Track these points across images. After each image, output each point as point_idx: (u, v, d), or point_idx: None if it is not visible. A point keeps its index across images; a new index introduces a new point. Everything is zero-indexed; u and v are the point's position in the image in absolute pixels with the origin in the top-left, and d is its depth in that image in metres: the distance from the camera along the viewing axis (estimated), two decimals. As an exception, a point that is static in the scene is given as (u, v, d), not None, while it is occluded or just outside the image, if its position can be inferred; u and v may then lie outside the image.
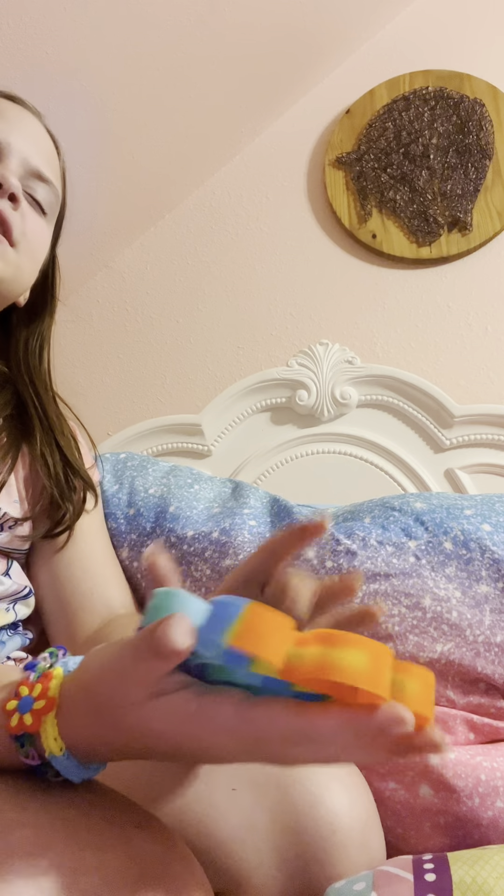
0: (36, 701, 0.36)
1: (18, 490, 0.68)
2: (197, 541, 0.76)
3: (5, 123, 0.64)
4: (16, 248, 0.63)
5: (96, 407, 1.34)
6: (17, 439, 0.68)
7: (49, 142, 0.70)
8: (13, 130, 0.65)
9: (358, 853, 0.48)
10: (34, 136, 0.67)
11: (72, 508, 0.68)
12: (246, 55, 1.15)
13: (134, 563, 0.78)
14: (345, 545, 0.71)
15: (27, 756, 0.35)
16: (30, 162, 0.65)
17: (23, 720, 0.35)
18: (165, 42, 1.05)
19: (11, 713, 0.35)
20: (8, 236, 0.62)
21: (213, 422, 1.24)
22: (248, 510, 0.79)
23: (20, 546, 0.67)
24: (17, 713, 0.35)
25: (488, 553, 0.69)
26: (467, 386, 1.18)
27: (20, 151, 0.64)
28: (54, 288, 0.76)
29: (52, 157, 0.69)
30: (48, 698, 0.35)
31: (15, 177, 0.63)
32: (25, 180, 0.65)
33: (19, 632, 0.66)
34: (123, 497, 0.84)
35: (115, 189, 1.24)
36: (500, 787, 0.59)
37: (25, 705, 0.36)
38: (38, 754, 0.35)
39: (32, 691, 0.36)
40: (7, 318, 0.74)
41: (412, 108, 1.23)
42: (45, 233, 0.69)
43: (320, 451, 1.19)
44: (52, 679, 0.36)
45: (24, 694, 0.36)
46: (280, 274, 1.29)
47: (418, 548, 0.70)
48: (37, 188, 0.66)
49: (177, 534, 0.77)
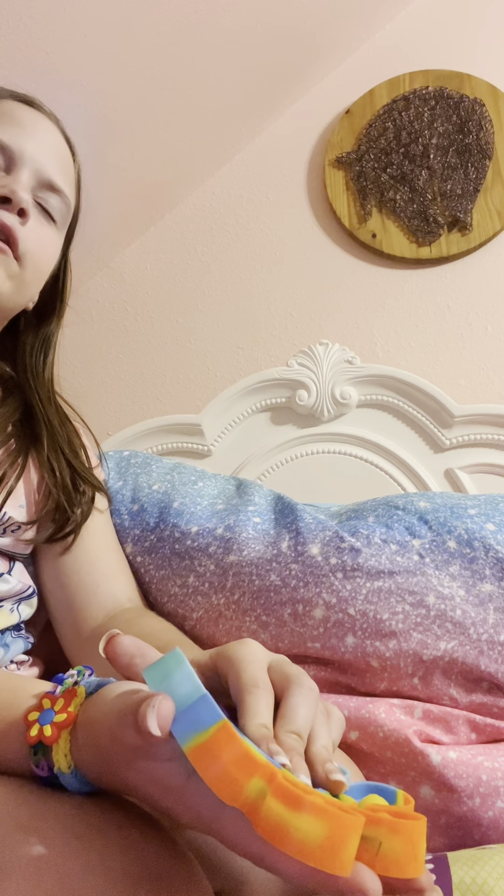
0: (57, 714, 0.36)
1: (26, 495, 0.67)
2: (201, 536, 0.76)
3: (20, 130, 0.64)
4: (21, 262, 0.63)
5: (96, 407, 1.34)
6: (26, 445, 0.68)
7: (65, 147, 0.69)
8: (28, 138, 0.64)
9: None
10: (49, 143, 0.66)
11: (79, 514, 0.68)
12: (246, 55, 1.15)
13: (137, 557, 0.78)
14: (349, 542, 0.71)
15: (37, 765, 0.36)
16: (43, 173, 0.64)
17: (42, 731, 0.36)
18: (166, 42, 1.05)
19: (32, 723, 0.37)
20: (14, 251, 0.62)
21: (213, 422, 1.24)
22: (252, 507, 0.79)
23: (23, 550, 0.67)
24: (38, 724, 0.36)
25: (492, 552, 0.69)
26: (467, 386, 1.18)
27: (34, 161, 0.64)
28: (64, 292, 0.76)
29: (66, 164, 0.69)
30: (69, 713, 0.36)
31: (26, 190, 0.63)
32: (38, 191, 0.65)
33: (22, 634, 0.66)
34: (127, 493, 0.84)
35: (116, 189, 1.24)
36: (500, 787, 0.59)
37: (46, 717, 0.37)
38: (48, 766, 0.36)
39: (55, 705, 0.37)
40: (16, 322, 0.74)
41: (412, 108, 1.23)
42: (55, 242, 0.69)
43: (320, 451, 1.19)
44: (75, 696, 0.37)
45: (47, 706, 0.37)
46: (280, 274, 1.29)
47: (422, 546, 0.71)
48: (49, 198, 0.66)
49: (181, 529, 0.77)
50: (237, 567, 0.73)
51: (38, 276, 0.68)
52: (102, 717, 0.34)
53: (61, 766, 0.35)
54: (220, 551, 0.74)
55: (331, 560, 0.70)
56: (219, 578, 0.73)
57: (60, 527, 0.67)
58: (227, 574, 0.73)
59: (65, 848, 0.32)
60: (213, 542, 0.75)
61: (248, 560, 0.73)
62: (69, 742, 0.35)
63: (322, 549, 0.71)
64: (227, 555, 0.73)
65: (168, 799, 0.32)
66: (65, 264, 0.75)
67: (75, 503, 0.68)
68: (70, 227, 0.73)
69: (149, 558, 0.77)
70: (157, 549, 0.77)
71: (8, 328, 0.74)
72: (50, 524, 0.67)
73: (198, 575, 0.74)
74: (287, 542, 0.73)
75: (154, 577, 0.76)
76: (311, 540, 0.72)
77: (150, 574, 0.76)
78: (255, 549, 0.73)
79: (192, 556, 0.75)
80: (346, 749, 0.63)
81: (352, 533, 0.72)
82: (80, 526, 0.68)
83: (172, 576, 0.75)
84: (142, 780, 0.33)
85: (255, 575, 0.72)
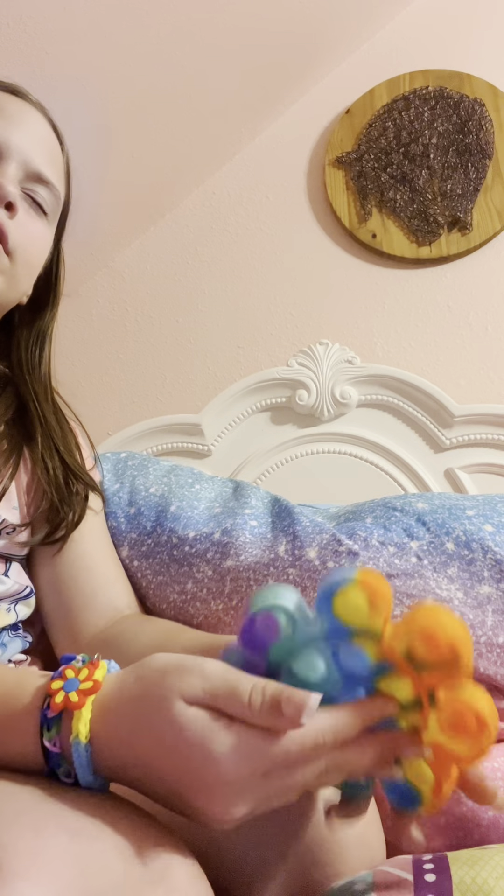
0: (83, 682, 0.37)
1: (18, 496, 0.67)
2: (199, 542, 0.75)
3: (5, 121, 0.63)
4: (11, 257, 0.63)
5: (96, 407, 1.34)
6: (19, 444, 0.67)
7: (52, 137, 0.68)
8: (14, 129, 0.63)
9: (357, 853, 0.48)
10: (36, 133, 0.65)
11: (71, 514, 0.67)
12: (246, 55, 1.15)
13: (134, 562, 0.77)
14: (346, 546, 0.71)
15: (51, 741, 0.36)
16: (30, 164, 0.64)
17: (68, 697, 0.36)
18: (166, 42, 1.05)
19: (56, 692, 0.37)
20: (4, 246, 0.62)
21: (213, 422, 1.24)
22: (249, 510, 0.79)
23: (18, 551, 0.67)
24: (63, 692, 0.37)
25: (490, 554, 0.69)
26: (467, 386, 1.18)
27: (20, 152, 0.63)
28: (58, 284, 0.75)
29: (54, 153, 0.68)
30: (95, 681, 0.37)
31: (13, 183, 0.62)
32: (25, 182, 0.64)
33: (20, 634, 0.65)
34: (124, 496, 0.83)
35: (116, 189, 1.24)
36: (500, 787, 0.59)
37: (72, 685, 0.37)
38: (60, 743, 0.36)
39: (79, 674, 0.38)
40: (10, 318, 0.74)
41: (412, 108, 1.23)
42: (46, 235, 0.68)
43: (320, 450, 1.19)
44: (98, 668, 0.38)
45: (71, 676, 0.38)
46: (280, 274, 1.29)
47: (420, 548, 0.70)
48: (37, 190, 0.65)
49: (178, 534, 0.77)
50: (235, 572, 0.72)
51: (29, 270, 0.67)
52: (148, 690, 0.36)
53: (80, 734, 0.35)
54: (218, 556, 0.74)
55: (328, 564, 0.70)
56: (217, 584, 0.73)
57: (55, 528, 0.66)
58: (224, 580, 0.72)
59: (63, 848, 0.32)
60: (211, 548, 0.74)
61: (245, 565, 0.72)
62: (91, 711, 0.36)
63: (319, 552, 0.71)
64: (225, 560, 0.73)
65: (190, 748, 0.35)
66: (57, 256, 0.74)
67: (69, 502, 0.67)
68: (61, 218, 0.72)
69: (146, 563, 0.77)
70: (155, 553, 0.77)
71: (2, 324, 0.73)
72: (44, 525, 0.67)
73: (196, 581, 0.74)
74: (284, 545, 0.73)
75: (151, 583, 0.76)
76: (309, 543, 0.72)
77: (147, 579, 0.76)
78: (252, 553, 0.73)
79: (191, 563, 0.75)
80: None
81: (349, 535, 0.72)
82: (74, 526, 0.68)
83: (171, 582, 0.75)
84: (175, 728, 0.35)
85: (252, 580, 0.71)
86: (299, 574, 0.70)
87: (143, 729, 0.36)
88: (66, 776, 0.37)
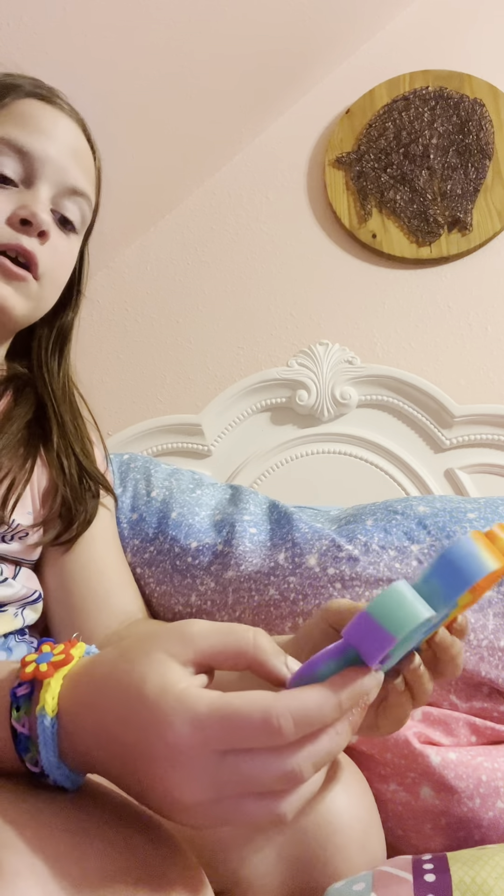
0: (55, 655, 0.37)
1: (32, 500, 0.67)
2: (201, 553, 0.75)
3: (38, 135, 0.61)
4: (40, 281, 0.63)
5: (96, 407, 1.32)
6: (35, 447, 0.67)
7: (85, 146, 0.67)
8: (49, 143, 0.62)
9: (358, 853, 0.48)
10: (71, 145, 0.64)
11: (84, 513, 0.67)
12: (246, 55, 1.15)
13: (137, 569, 0.78)
14: (346, 551, 0.71)
15: (19, 721, 0.35)
16: (65, 180, 0.63)
17: (38, 668, 0.36)
18: (166, 42, 1.05)
19: (28, 663, 0.36)
20: (34, 273, 0.62)
21: (213, 422, 1.24)
22: (248, 517, 0.79)
23: (30, 556, 0.67)
24: (34, 664, 0.36)
25: (491, 556, 0.69)
26: (467, 386, 1.18)
27: (56, 170, 0.62)
28: (80, 283, 0.75)
29: (88, 164, 0.67)
30: (68, 654, 0.37)
31: (46, 209, 0.61)
32: (59, 198, 0.63)
33: (26, 639, 0.65)
34: (127, 501, 0.83)
35: (116, 189, 1.24)
36: (500, 787, 0.59)
37: (44, 658, 0.37)
38: (29, 724, 0.35)
39: (54, 649, 0.37)
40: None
41: (412, 108, 1.23)
42: (74, 251, 0.68)
43: (320, 451, 1.19)
44: (75, 647, 0.38)
45: (46, 650, 0.37)
46: (280, 274, 1.29)
47: (421, 552, 0.70)
48: (69, 205, 0.64)
49: (180, 544, 0.77)
50: (236, 583, 0.72)
51: (56, 288, 0.67)
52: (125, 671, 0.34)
53: (47, 706, 0.34)
54: (219, 567, 0.74)
55: (329, 570, 0.70)
56: (220, 596, 0.73)
57: (67, 526, 0.66)
58: (227, 591, 0.72)
59: (63, 848, 0.32)
60: (213, 560, 0.75)
61: (246, 575, 0.72)
62: (61, 685, 0.35)
63: (319, 559, 0.71)
64: (226, 570, 0.73)
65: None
66: (81, 257, 0.74)
67: (82, 501, 0.67)
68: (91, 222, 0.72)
69: (149, 570, 0.77)
70: (158, 562, 0.77)
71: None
72: (56, 524, 0.66)
73: (199, 594, 0.74)
74: (284, 553, 0.73)
75: (155, 591, 0.76)
76: (308, 550, 0.72)
77: (151, 587, 0.76)
78: (252, 563, 0.73)
79: (194, 575, 0.75)
80: (346, 751, 0.63)
81: (349, 540, 0.72)
82: (87, 525, 0.68)
83: (175, 593, 0.75)
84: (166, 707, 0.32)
85: (253, 590, 0.71)
86: (300, 582, 0.70)
87: (108, 696, 0.34)
88: (34, 764, 0.35)
